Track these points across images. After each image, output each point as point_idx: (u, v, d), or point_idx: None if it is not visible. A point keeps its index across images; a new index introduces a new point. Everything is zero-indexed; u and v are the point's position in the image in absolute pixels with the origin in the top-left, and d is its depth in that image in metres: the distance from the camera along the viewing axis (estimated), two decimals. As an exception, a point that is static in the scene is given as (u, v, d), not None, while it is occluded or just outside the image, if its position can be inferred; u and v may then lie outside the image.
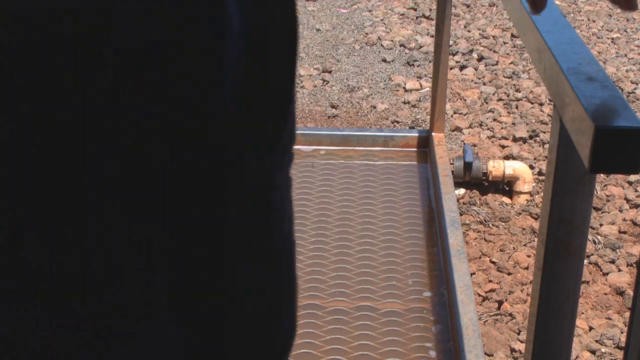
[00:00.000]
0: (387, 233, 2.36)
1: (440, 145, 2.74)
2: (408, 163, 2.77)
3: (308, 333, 1.96)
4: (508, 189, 2.92)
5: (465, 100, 3.68)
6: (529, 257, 2.52)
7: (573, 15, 5.06)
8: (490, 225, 2.69)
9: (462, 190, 2.88)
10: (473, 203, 2.82)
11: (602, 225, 2.71)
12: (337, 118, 3.50)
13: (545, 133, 3.33)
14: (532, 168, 3.01)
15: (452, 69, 4.04)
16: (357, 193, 2.54)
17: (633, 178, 3.02)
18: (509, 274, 2.44)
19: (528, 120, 3.46)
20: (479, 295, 2.34)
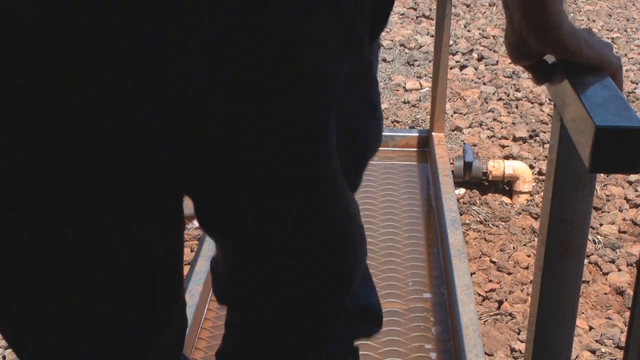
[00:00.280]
0: (387, 233, 2.36)
1: (440, 145, 2.74)
2: (408, 163, 2.77)
3: (308, 333, 1.96)
4: (508, 189, 2.92)
5: (465, 100, 3.68)
6: (529, 257, 2.52)
7: (573, 15, 5.06)
8: (490, 225, 2.69)
9: (462, 190, 2.88)
10: (473, 203, 2.82)
11: (602, 225, 2.71)
12: (337, 118, 3.50)
13: (545, 133, 3.33)
14: (532, 168, 3.01)
15: (452, 69, 4.04)
16: (357, 193, 2.54)
17: (633, 178, 3.02)
18: (509, 274, 2.43)
19: (528, 120, 3.46)
20: (479, 295, 2.34)
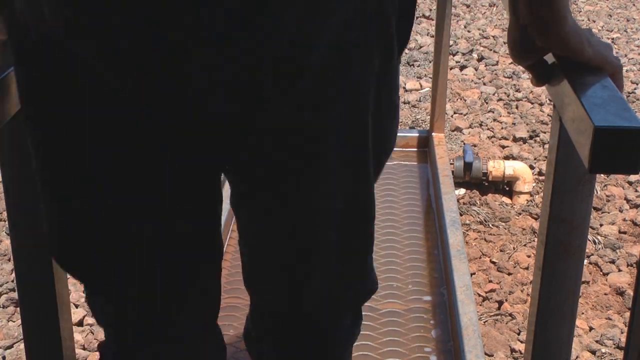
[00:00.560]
0: (387, 233, 2.36)
1: (440, 145, 2.74)
2: (408, 163, 2.77)
3: (308, 333, 1.96)
4: (508, 189, 2.91)
5: (465, 100, 3.68)
6: (529, 257, 2.52)
7: (573, 15, 5.06)
8: (490, 225, 2.69)
9: (462, 190, 2.88)
10: (473, 203, 2.82)
11: (602, 225, 2.71)
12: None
13: (545, 133, 3.33)
14: (532, 168, 3.01)
15: (452, 69, 4.04)
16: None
17: (633, 178, 3.02)
18: (509, 274, 2.43)
19: (528, 120, 3.46)
20: (479, 295, 2.34)
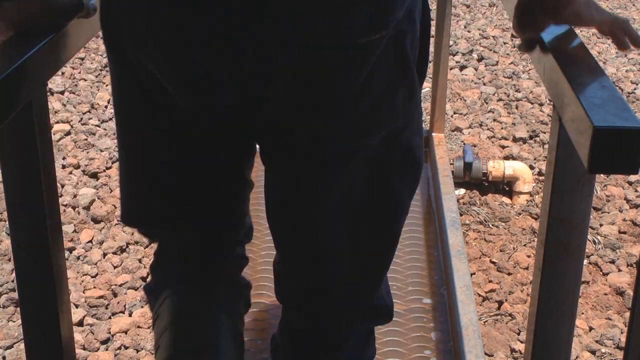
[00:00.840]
0: (387, 233, 2.36)
1: (440, 146, 2.74)
2: (408, 163, 2.76)
3: (308, 333, 1.96)
4: (508, 189, 2.91)
5: (465, 101, 3.68)
6: (529, 257, 2.52)
7: (573, 15, 5.05)
8: (490, 226, 2.69)
9: (462, 191, 2.88)
10: (473, 203, 2.82)
11: (602, 225, 2.71)
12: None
13: (545, 133, 3.33)
14: (532, 168, 3.01)
15: (452, 69, 4.04)
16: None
17: (633, 178, 3.02)
18: (509, 274, 2.43)
19: (528, 121, 3.46)
20: (479, 296, 2.34)
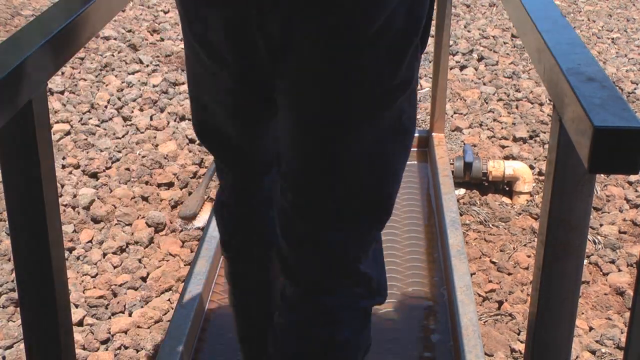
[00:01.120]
0: (387, 233, 2.36)
1: (440, 146, 2.74)
2: (408, 163, 2.76)
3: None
4: (508, 189, 2.91)
5: (465, 100, 3.68)
6: (529, 257, 2.52)
7: (573, 15, 5.06)
8: (490, 226, 2.69)
9: (462, 190, 2.88)
10: (473, 203, 2.82)
11: (602, 225, 2.71)
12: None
13: (545, 133, 3.33)
14: (532, 168, 3.01)
15: (452, 69, 4.04)
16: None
17: (633, 178, 3.02)
18: (509, 274, 2.43)
19: (528, 120, 3.46)
20: (479, 295, 2.34)
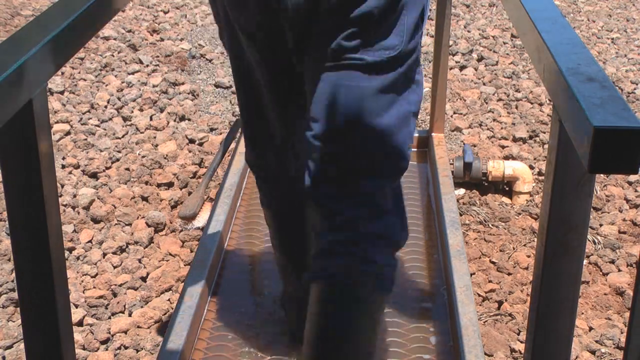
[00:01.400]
0: (387, 233, 2.36)
1: (440, 146, 2.74)
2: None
3: (308, 333, 1.96)
4: (508, 189, 2.91)
5: (465, 100, 3.68)
6: (529, 257, 2.52)
7: (573, 15, 5.06)
8: (490, 226, 2.69)
9: (462, 191, 2.88)
10: (473, 203, 2.82)
11: (602, 225, 2.71)
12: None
13: (545, 133, 3.34)
14: (532, 168, 3.01)
15: (452, 69, 4.04)
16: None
17: (633, 178, 3.02)
18: (509, 274, 2.43)
19: (528, 121, 3.46)
20: (479, 296, 2.34)
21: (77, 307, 2.27)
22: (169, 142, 3.24)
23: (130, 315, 2.26)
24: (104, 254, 2.52)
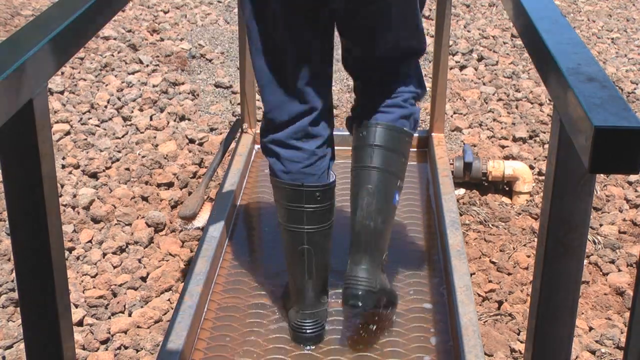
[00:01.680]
0: (387, 233, 2.36)
1: (440, 146, 2.74)
2: (408, 163, 2.76)
3: (308, 333, 1.96)
4: (508, 189, 2.92)
5: (465, 100, 3.68)
6: (529, 257, 2.52)
7: (573, 15, 5.06)
8: (490, 226, 2.69)
9: (462, 190, 2.88)
10: (473, 203, 2.82)
11: (602, 225, 2.71)
12: (337, 118, 3.50)
13: (545, 133, 3.34)
14: (532, 168, 3.01)
15: (452, 69, 4.04)
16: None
17: (633, 178, 3.02)
18: (509, 274, 2.44)
19: (528, 120, 3.46)
20: (479, 296, 2.34)
21: (77, 307, 2.27)
22: (169, 142, 3.24)
23: (130, 315, 2.26)
24: (104, 254, 2.52)
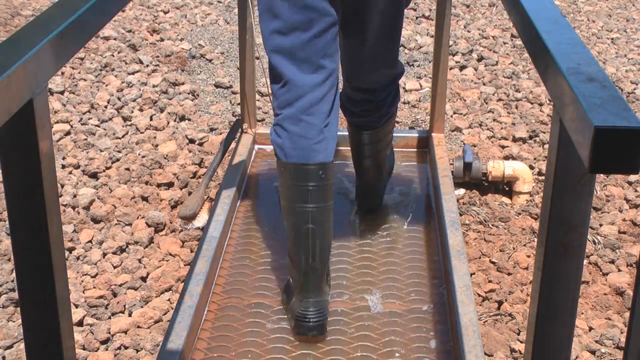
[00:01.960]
0: (387, 234, 2.36)
1: (440, 146, 2.74)
2: (408, 163, 2.77)
3: (308, 333, 1.96)
4: (508, 189, 2.92)
5: (465, 101, 3.68)
6: (529, 257, 2.52)
7: (573, 15, 5.06)
8: (490, 226, 2.69)
9: (462, 191, 2.88)
10: (473, 203, 2.82)
11: (602, 225, 2.71)
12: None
13: (545, 133, 3.34)
14: (532, 168, 3.01)
15: (452, 69, 4.04)
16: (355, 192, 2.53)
17: (633, 178, 3.02)
18: (509, 274, 2.44)
19: (528, 121, 3.46)
20: (479, 296, 2.34)
21: (77, 307, 2.27)
22: (169, 142, 3.24)
23: (130, 315, 2.26)
24: (104, 254, 2.52)
